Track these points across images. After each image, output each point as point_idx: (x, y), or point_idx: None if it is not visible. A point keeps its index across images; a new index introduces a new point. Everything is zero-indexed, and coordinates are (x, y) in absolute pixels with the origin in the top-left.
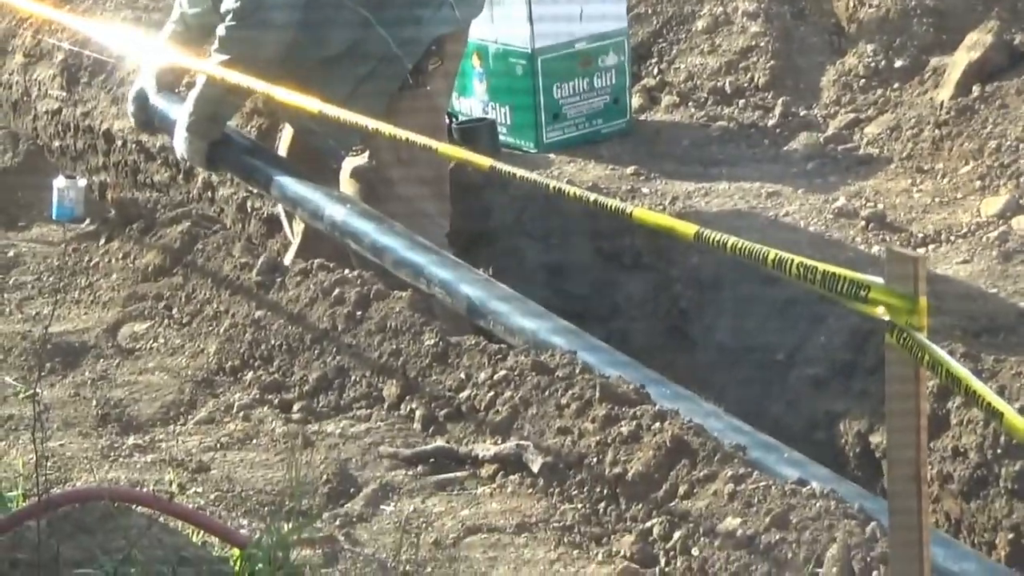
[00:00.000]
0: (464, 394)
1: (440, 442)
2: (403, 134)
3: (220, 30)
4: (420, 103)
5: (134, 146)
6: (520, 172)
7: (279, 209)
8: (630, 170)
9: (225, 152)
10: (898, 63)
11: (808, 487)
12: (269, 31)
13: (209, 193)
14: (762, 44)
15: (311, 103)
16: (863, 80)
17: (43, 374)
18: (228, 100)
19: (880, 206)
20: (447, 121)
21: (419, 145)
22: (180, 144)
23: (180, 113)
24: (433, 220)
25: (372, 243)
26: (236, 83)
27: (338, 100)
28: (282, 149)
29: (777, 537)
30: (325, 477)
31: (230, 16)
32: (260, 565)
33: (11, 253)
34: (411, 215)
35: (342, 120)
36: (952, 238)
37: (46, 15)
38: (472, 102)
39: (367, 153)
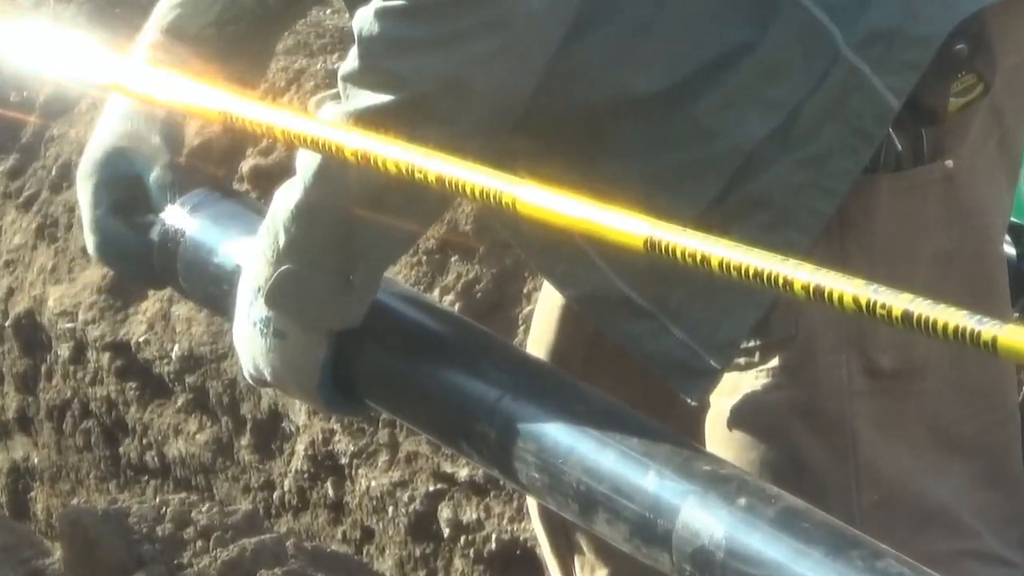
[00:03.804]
0: None
1: None
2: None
3: (372, 40)
4: (930, 207)
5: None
6: None
7: (535, 516)
8: None
9: (382, 365)
10: None
11: None
12: (527, 26)
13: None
14: None
15: (631, 227)
16: None
17: None
18: (391, 213)
19: None
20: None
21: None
22: (248, 345)
23: (249, 254)
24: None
25: None
26: (410, 165)
27: (689, 209)
28: (535, 340)
29: None
30: None
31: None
32: None
33: None
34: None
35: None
36: None
37: None
38: None
39: (777, 363)
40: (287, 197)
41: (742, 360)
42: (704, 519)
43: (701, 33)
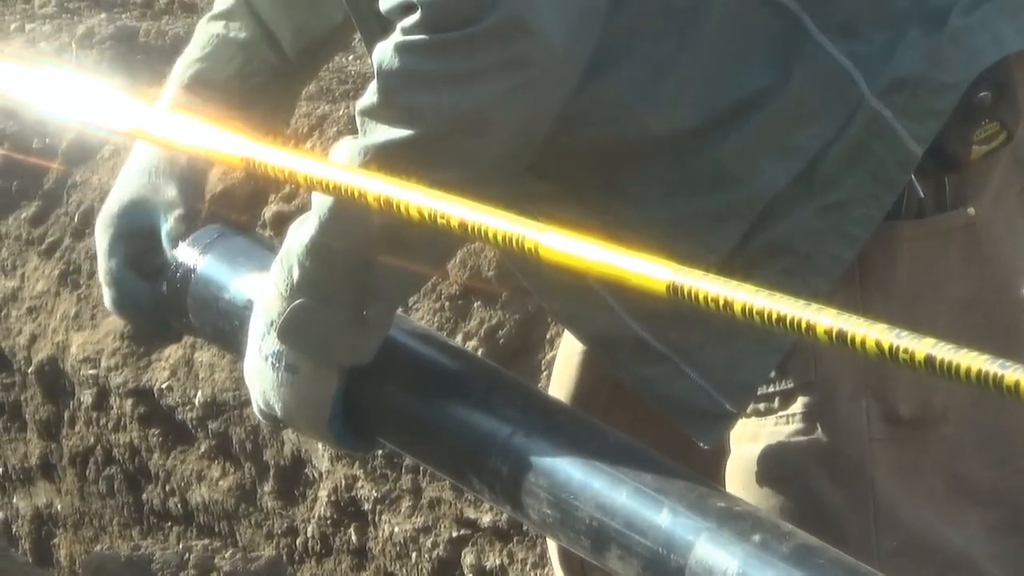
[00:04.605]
0: None
1: None
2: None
3: (391, 75)
4: (952, 254)
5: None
6: None
7: (555, 561)
8: None
9: (394, 401)
10: None
11: None
12: (547, 64)
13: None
14: None
15: (653, 272)
16: None
17: None
18: (407, 251)
19: None
20: None
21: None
22: (259, 379)
23: (261, 289)
24: None
25: None
26: (433, 211)
27: (710, 255)
28: (557, 385)
29: None
30: None
31: (414, 25)
32: None
33: None
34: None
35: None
36: None
37: None
38: None
39: (796, 410)
40: (302, 231)
41: (761, 406)
42: (718, 555)
43: (722, 75)
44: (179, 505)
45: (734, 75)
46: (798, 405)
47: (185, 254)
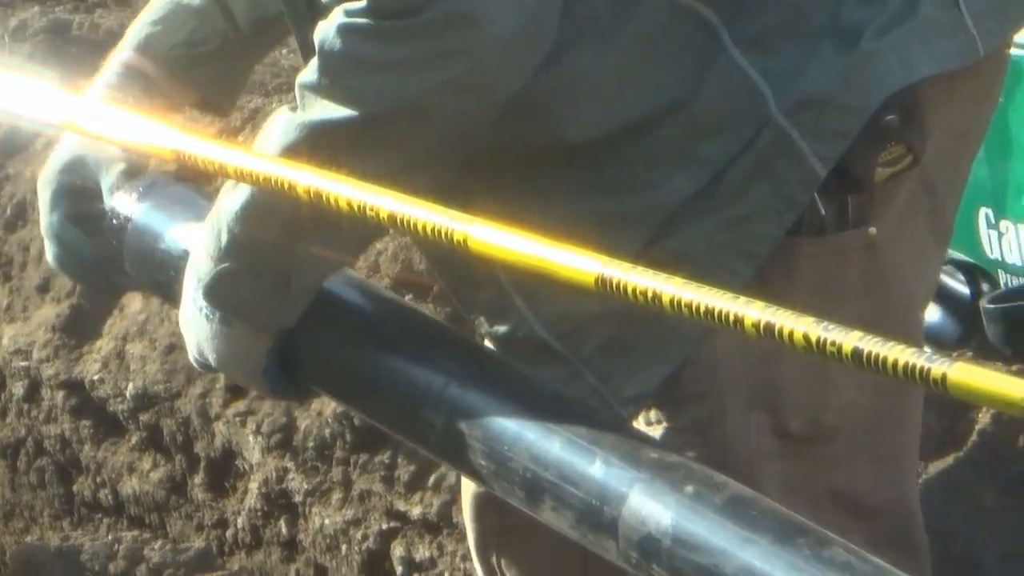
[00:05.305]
0: None
1: None
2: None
3: (332, 56)
4: (851, 272)
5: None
6: None
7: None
8: None
9: (329, 350)
10: None
11: None
12: (491, 56)
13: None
14: None
15: (583, 265)
16: None
17: None
18: (335, 226)
19: None
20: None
21: None
22: (194, 329)
23: (195, 242)
24: None
25: None
26: (362, 203)
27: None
28: None
29: None
30: None
31: (360, 9)
32: None
33: None
34: None
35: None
36: None
37: None
38: None
39: (686, 422)
40: (235, 197)
41: (652, 415)
42: (651, 507)
43: (636, 87)
44: (110, 497)
45: (650, 85)
46: (688, 417)
47: (121, 203)
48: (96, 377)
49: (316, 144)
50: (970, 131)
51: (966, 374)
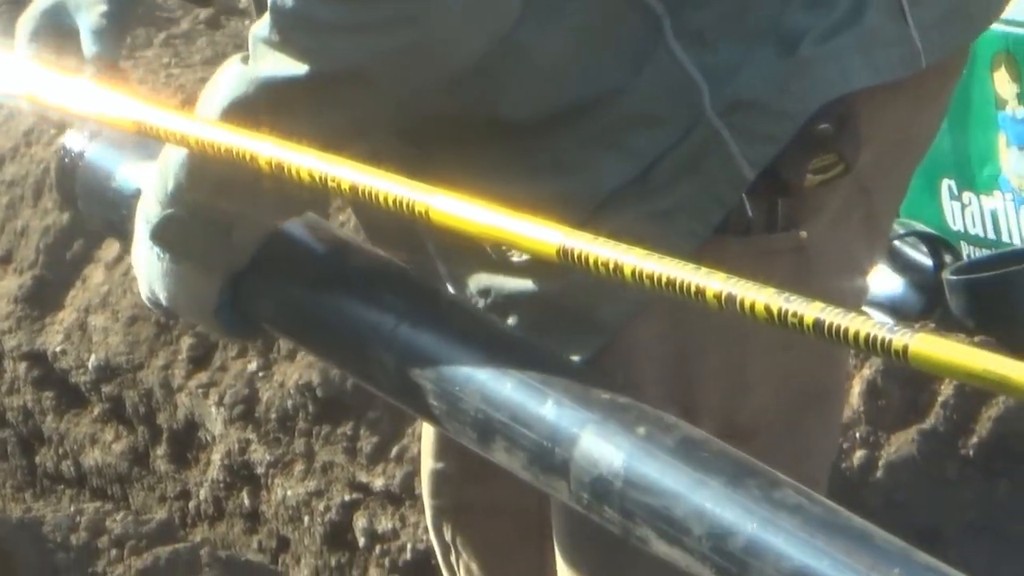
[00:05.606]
0: None
1: None
2: None
3: (283, 13)
4: (779, 275)
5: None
6: None
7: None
8: None
9: (281, 289)
10: None
11: None
12: (439, 25)
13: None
14: None
15: (544, 236)
16: None
17: None
18: (247, 197)
19: None
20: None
21: None
22: (146, 268)
23: (147, 185)
24: None
25: None
26: (323, 174)
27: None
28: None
29: None
30: None
31: None
32: None
33: None
34: None
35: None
36: None
37: None
38: (998, 202)
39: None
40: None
41: None
42: (603, 448)
43: (573, 71)
44: (72, 468)
45: (589, 70)
46: None
47: (72, 140)
48: (58, 348)
49: (263, 99)
50: (912, 138)
51: (928, 345)
